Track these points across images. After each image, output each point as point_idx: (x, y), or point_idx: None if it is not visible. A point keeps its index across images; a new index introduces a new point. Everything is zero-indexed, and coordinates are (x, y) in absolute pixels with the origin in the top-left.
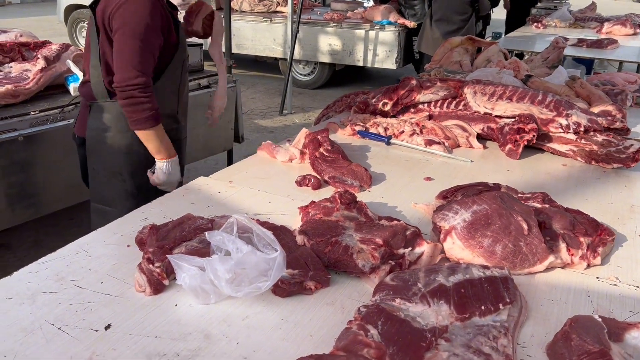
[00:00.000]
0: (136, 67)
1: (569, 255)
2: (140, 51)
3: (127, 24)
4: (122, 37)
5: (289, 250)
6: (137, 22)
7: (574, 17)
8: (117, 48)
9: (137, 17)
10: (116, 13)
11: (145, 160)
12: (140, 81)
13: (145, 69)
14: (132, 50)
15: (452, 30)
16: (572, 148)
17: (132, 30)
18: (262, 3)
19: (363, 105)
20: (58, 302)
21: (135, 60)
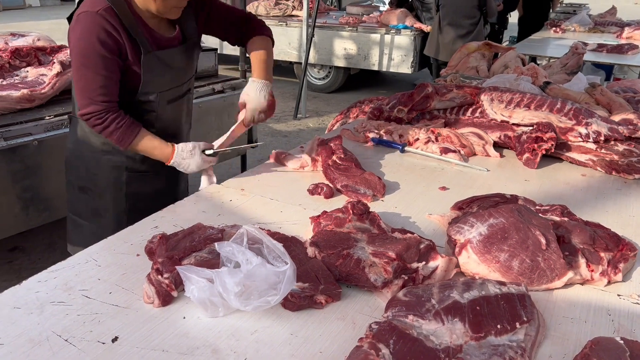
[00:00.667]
0: (88, 96)
1: (589, 271)
2: (90, 80)
3: (76, 54)
4: (74, 66)
5: (299, 263)
6: (83, 50)
7: (594, 22)
8: (73, 77)
9: (83, 44)
10: (69, 40)
11: (114, 181)
12: (92, 109)
13: (100, 95)
14: (82, 80)
15: (462, 34)
16: (592, 158)
17: (79, 59)
18: (278, 7)
19: (377, 112)
20: (66, 312)
21: (87, 89)
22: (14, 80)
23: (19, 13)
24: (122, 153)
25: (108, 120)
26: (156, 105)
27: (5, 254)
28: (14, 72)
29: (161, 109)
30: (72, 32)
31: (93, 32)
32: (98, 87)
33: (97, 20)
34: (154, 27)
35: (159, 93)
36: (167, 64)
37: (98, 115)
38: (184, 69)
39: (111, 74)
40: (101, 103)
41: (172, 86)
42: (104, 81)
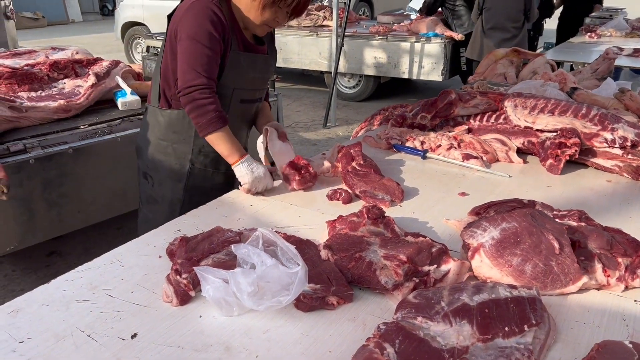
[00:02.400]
0: (196, 69)
1: (605, 276)
2: (199, 54)
3: (188, 30)
4: (184, 42)
5: (312, 265)
6: (197, 27)
7: (631, 26)
8: (179, 55)
9: (197, 22)
10: (180, 22)
11: (177, 171)
12: (200, 82)
13: (206, 71)
14: (191, 54)
15: (507, 38)
16: (618, 163)
17: (193, 35)
18: (309, 17)
19: (400, 119)
20: (90, 310)
21: (195, 63)
22: (52, 91)
23: (63, 28)
24: (190, 145)
25: (213, 99)
26: (229, 99)
27: (43, 258)
28: (52, 84)
29: (233, 105)
30: (186, 15)
31: (206, 13)
32: (205, 63)
33: (211, 7)
34: (246, 34)
35: (234, 89)
36: (249, 65)
37: (202, 90)
38: (262, 77)
39: (216, 54)
40: (210, 79)
41: (248, 88)
42: (210, 58)
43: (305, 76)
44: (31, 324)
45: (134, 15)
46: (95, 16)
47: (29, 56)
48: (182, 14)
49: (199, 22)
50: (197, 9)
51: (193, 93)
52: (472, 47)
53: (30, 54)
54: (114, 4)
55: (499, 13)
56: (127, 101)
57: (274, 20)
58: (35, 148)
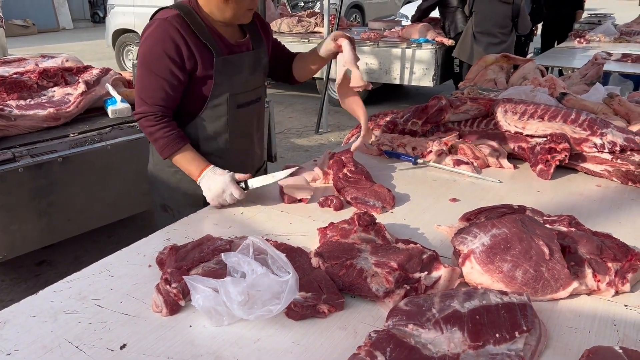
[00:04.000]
0: (140, 96)
1: (595, 281)
2: (145, 81)
3: (140, 55)
4: (137, 66)
5: (303, 273)
6: (147, 52)
7: (620, 32)
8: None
9: (147, 47)
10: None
11: (194, 197)
12: (143, 110)
13: (151, 97)
14: (138, 81)
15: (495, 43)
16: (608, 168)
17: (142, 60)
18: (300, 24)
19: (392, 125)
20: (78, 320)
21: (141, 90)
22: (41, 99)
23: (54, 35)
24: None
25: (158, 125)
26: (227, 109)
27: (33, 267)
28: (41, 92)
29: (232, 113)
30: (143, 36)
31: (160, 38)
32: (155, 90)
33: (166, 28)
34: (224, 33)
35: (230, 95)
36: (237, 67)
37: (148, 117)
38: (254, 74)
39: (172, 81)
40: (155, 106)
41: (243, 90)
42: (162, 86)
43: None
44: (18, 336)
45: (125, 22)
46: (86, 23)
47: (18, 64)
48: (142, 34)
49: (150, 47)
50: (151, 31)
51: (140, 121)
52: (460, 47)
53: (19, 62)
54: (104, 11)
55: (486, 19)
56: (117, 109)
57: (252, 1)
58: (25, 157)
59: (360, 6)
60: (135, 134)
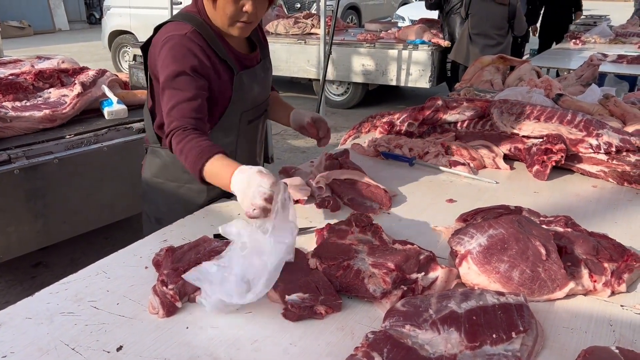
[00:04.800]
0: (170, 115)
1: (592, 281)
2: (173, 99)
3: (163, 73)
4: (162, 88)
5: (300, 274)
6: (170, 69)
7: (615, 33)
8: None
9: (170, 63)
10: (156, 61)
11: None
12: (173, 126)
13: (181, 114)
14: (167, 99)
15: (491, 45)
16: (603, 169)
17: (167, 79)
18: (297, 25)
19: (388, 126)
20: (74, 322)
21: (170, 109)
22: (37, 101)
23: (50, 37)
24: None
25: (187, 139)
26: (237, 126)
27: (28, 269)
28: (37, 93)
29: (242, 130)
30: (161, 57)
31: (181, 53)
32: (179, 107)
33: (185, 43)
34: (235, 45)
35: (242, 113)
36: (251, 83)
37: (178, 132)
38: (264, 88)
39: (197, 93)
40: (184, 119)
41: (254, 105)
42: (190, 99)
43: (293, 84)
44: (14, 338)
45: (121, 23)
46: (83, 25)
47: (14, 65)
48: (157, 52)
49: (176, 65)
50: (171, 48)
51: (171, 139)
52: (457, 50)
53: (15, 64)
54: (101, 12)
55: (483, 20)
56: (113, 110)
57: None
58: (20, 158)
59: (356, 7)
60: (131, 136)
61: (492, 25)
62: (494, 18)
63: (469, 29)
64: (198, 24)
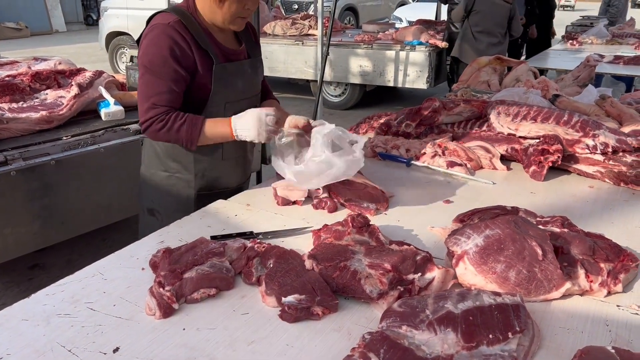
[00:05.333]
0: (149, 102)
1: (588, 281)
2: (151, 85)
3: (142, 59)
4: (140, 72)
5: (296, 275)
6: (151, 55)
7: (612, 34)
8: (138, 87)
9: (150, 50)
10: (139, 47)
11: (184, 201)
12: (152, 113)
13: (159, 101)
14: (144, 85)
15: (494, 43)
16: (600, 169)
17: (146, 64)
18: (295, 27)
19: (385, 127)
20: (71, 324)
21: (147, 95)
22: (33, 102)
23: (47, 38)
24: (192, 172)
25: (170, 119)
26: (223, 116)
27: (25, 271)
28: (34, 94)
29: None
30: (143, 42)
31: (163, 42)
32: (162, 93)
33: (167, 32)
34: (221, 40)
35: (226, 104)
36: (235, 75)
37: (159, 118)
38: (251, 82)
39: (176, 83)
40: (162, 107)
41: (240, 98)
42: (168, 88)
43: (291, 85)
44: (10, 340)
45: (119, 24)
46: (80, 26)
47: (10, 67)
48: (142, 39)
49: (153, 50)
50: (152, 36)
51: (152, 125)
52: (460, 47)
53: (12, 65)
54: (98, 13)
55: (487, 17)
56: (110, 111)
57: (245, 9)
58: (17, 160)
59: (354, 9)
60: (128, 137)
61: (496, 23)
62: (498, 16)
63: (471, 27)
64: (184, 16)
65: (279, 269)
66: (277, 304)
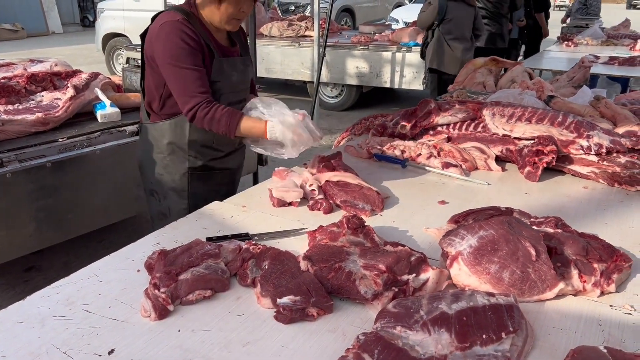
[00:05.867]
0: (187, 93)
1: (581, 282)
2: (184, 77)
3: (166, 55)
4: (167, 69)
5: (291, 276)
6: (174, 50)
7: (607, 35)
8: (168, 82)
9: (172, 45)
10: (154, 46)
11: (178, 181)
12: (195, 102)
13: (197, 88)
14: (178, 79)
15: (468, 47)
16: (594, 170)
17: (173, 59)
18: (291, 28)
19: (381, 128)
20: (66, 326)
21: (185, 87)
22: (29, 104)
23: (43, 39)
24: (185, 153)
25: (213, 109)
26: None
27: (21, 273)
28: (30, 96)
29: None
30: (158, 40)
31: (179, 37)
32: (195, 80)
33: (179, 26)
34: (218, 39)
35: (221, 95)
36: (231, 69)
37: (203, 106)
38: (243, 78)
39: (201, 68)
40: (201, 95)
41: (232, 90)
42: (198, 74)
43: (288, 86)
44: (6, 342)
45: (115, 26)
46: (76, 27)
47: (6, 69)
48: (154, 37)
49: (174, 44)
50: (167, 31)
51: (197, 113)
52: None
53: (8, 67)
54: (94, 15)
55: (459, 24)
56: (106, 113)
57: (240, 12)
58: (13, 162)
59: (351, 10)
60: (124, 139)
61: (467, 28)
62: (467, 20)
63: (444, 35)
64: (187, 15)
65: (274, 271)
66: (272, 306)
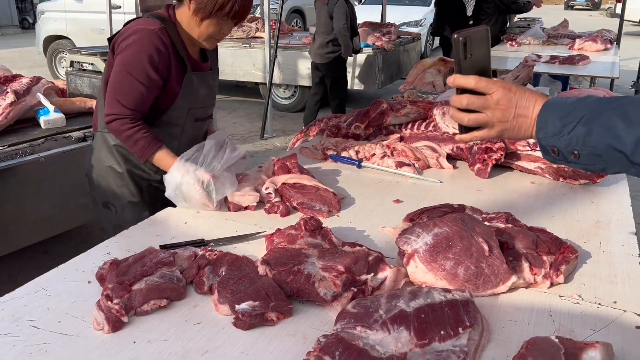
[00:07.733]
0: (119, 100)
1: (532, 274)
2: (127, 86)
3: (124, 59)
4: (117, 69)
5: (250, 282)
6: (134, 59)
7: (547, 35)
8: (110, 81)
9: (135, 54)
10: (119, 48)
11: (136, 193)
12: (119, 111)
13: (130, 102)
14: (120, 83)
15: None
16: (540, 165)
17: (127, 65)
18: (241, 29)
19: (335, 129)
20: (12, 344)
21: (120, 93)
22: None
23: None
24: (146, 166)
25: (136, 128)
26: (184, 120)
27: None
28: None
29: (187, 125)
30: (126, 42)
31: (145, 49)
32: (137, 95)
33: (152, 38)
34: (192, 52)
35: (189, 109)
36: (200, 84)
37: (124, 119)
38: (211, 94)
39: (148, 90)
40: (132, 110)
41: (201, 106)
42: (140, 92)
43: (239, 87)
44: None
45: (57, 28)
46: (15, 30)
47: None
48: (123, 40)
49: (137, 55)
50: (138, 39)
51: (115, 122)
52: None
53: None
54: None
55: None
56: (50, 119)
57: (220, 32)
58: None
59: (301, 11)
60: (70, 145)
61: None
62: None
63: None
64: (166, 24)
65: (232, 277)
66: (230, 312)
